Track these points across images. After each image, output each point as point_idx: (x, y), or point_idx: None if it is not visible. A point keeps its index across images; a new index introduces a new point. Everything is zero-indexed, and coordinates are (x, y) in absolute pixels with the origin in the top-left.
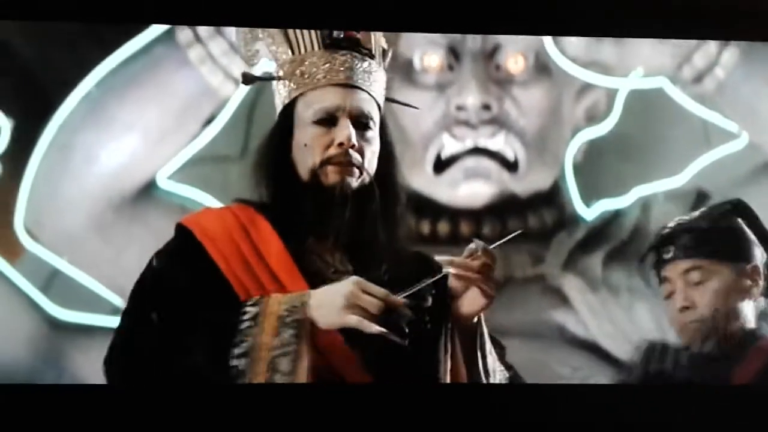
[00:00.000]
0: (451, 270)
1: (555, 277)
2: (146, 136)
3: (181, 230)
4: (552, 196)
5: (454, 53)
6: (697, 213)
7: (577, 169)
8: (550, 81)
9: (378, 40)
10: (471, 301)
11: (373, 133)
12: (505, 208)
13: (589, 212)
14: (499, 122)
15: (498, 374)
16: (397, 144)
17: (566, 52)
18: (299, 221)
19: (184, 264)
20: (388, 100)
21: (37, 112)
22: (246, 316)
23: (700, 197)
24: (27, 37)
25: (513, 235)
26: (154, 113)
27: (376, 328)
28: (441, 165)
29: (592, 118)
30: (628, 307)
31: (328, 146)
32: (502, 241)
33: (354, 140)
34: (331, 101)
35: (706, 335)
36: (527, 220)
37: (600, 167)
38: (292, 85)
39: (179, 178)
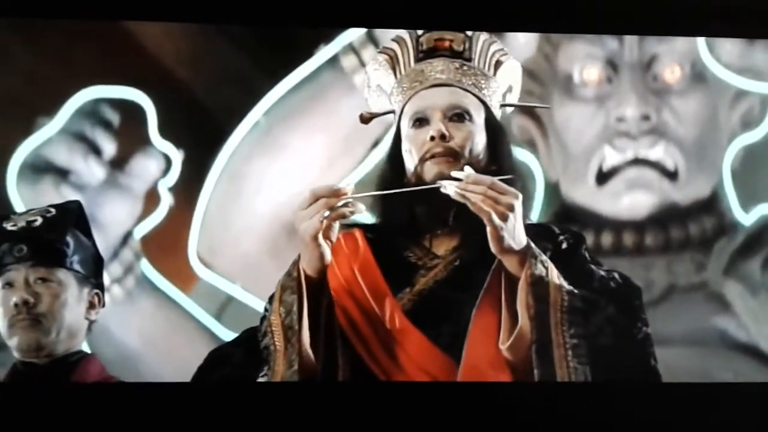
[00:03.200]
0: (445, 184)
1: (717, 283)
2: (315, 161)
3: None
4: (711, 204)
5: (612, 66)
6: None
7: (735, 175)
8: (706, 89)
9: (484, 47)
10: (488, 235)
11: (472, 124)
12: (666, 217)
13: (748, 218)
14: (658, 132)
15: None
16: (559, 158)
17: (720, 60)
18: (404, 223)
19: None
20: (511, 105)
21: (207, 143)
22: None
23: None
24: (194, 70)
25: None
26: (322, 139)
27: (328, 218)
28: (603, 177)
29: (748, 124)
30: None
31: (424, 144)
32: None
33: (445, 131)
34: (422, 103)
35: None
36: (688, 229)
37: (756, 172)
38: (395, 107)
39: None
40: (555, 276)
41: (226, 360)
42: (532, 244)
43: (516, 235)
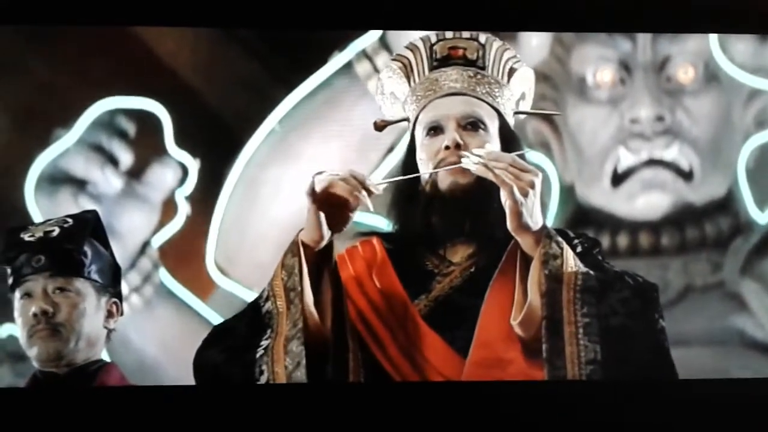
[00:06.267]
0: (467, 157)
1: (734, 282)
2: (330, 168)
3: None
4: (727, 203)
5: (625, 67)
6: None
7: (750, 174)
8: (720, 89)
9: (498, 55)
10: (507, 210)
11: (486, 133)
12: (682, 217)
13: (763, 216)
14: (672, 133)
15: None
16: (574, 160)
17: (734, 60)
18: (420, 231)
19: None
20: (524, 113)
21: (223, 151)
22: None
23: None
24: (209, 79)
25: None
26: (337, 146)
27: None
28: (618, 178)
29: (762, 123)
30: None
31: (438, 152)
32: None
33: (460, 140)
34: (436, 112)
35: None
36: (704, 229)
37: None
38: (410, 115)
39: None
40: (570, 257)
41: (229, 332)
42: (549, 226)
43: (534, 214)
